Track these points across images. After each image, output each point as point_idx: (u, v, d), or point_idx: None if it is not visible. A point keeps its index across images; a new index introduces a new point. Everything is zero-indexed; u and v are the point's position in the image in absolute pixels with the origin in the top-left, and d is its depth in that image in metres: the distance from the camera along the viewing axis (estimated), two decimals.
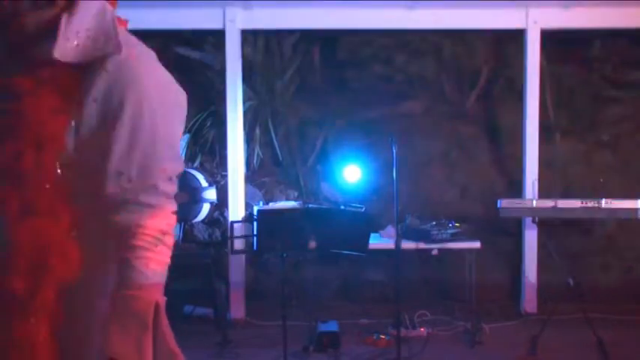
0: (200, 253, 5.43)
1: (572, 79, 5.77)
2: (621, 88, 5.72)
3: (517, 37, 5.39)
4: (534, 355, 4.33)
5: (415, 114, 5.80)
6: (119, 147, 1.22)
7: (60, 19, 1.20)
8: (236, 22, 5.22)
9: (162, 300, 1.24)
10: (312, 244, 3.98)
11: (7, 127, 1.20)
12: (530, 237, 5.35)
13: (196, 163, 5.70)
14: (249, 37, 5.55)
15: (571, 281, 4.45)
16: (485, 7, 5.24)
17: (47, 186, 1.21)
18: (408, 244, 4.56)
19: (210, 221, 5.65)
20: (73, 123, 1.21)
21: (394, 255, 4.28)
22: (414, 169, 5.64)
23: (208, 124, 5.64)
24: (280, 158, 5.80)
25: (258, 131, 5.66)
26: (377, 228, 4.97)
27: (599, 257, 5.63)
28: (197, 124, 5.53)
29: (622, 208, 4.48)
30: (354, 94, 5.79)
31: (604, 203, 4.46)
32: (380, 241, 4.81)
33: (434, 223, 4.77)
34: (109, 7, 1.27)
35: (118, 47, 1.23)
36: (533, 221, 4.88)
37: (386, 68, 5.83)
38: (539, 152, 5.35)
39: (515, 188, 5.51)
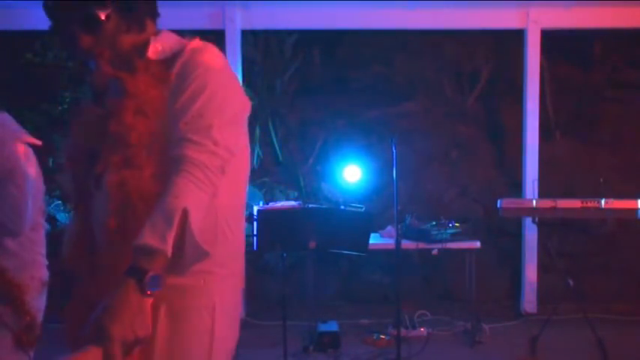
0: None
1: (572, 79, 5.77)
2: (621, 88, 5.72)
3: (517, 37, 5.39)
4: (534, 355, 4.33)
5: (415, 114, 5.80)
6: (182, 100, 1.55)
7: (149, 40, 1.68)
8: (236, 22, 5.22)
9: (194, 209, 1.47)
10: (312, 244, 3.98)
11: (118, 104, 1.59)
12: (530, 237, 5.35)
13: None
14: (249, 37, 5.55)
15: (571, 281, 4.45)
16: (485, 7, 5.24)
17: (139, 143, 1.55)
18: (408, 244, 4.56)
19: None
20: (167, 94, 1.58)
21: (394, 255, 4.28)
22: (414, 169, 5.65)
23: None
24: (280, 158, 5.80)
25: (258, 131, 5.66)
26: (377, 228, 4.96)
27: (599, 257, 5.63)
28: None
29: (622, 208, 4.47)
30: (354, 94, 5.79)
31: (604, 203, 4.46)
32: (380, 241, 4.81)
33: (434, 223, 4.77)
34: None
35: (191, 41, 1.65)
36: (533, 221, 4.88)
37: (386, 68, 5.84)
38: (539, 152, 5.35)
39: (515, 188, 5.51)
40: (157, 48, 1.66)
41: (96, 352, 1.38)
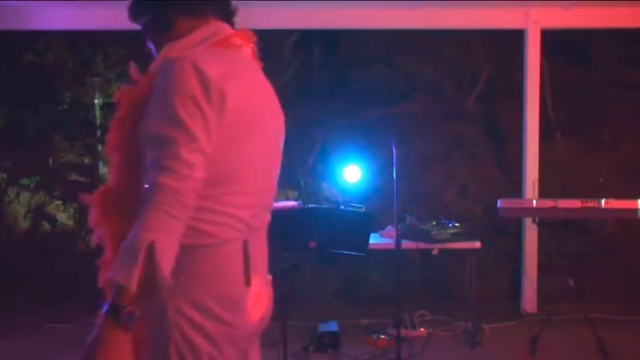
0: None
1: (572, 79, 5.77)
2: (621, 88, 5.72)
3: (517, 37, 5.39)
4: (534, 355, 4.33)
5: (415, 114, 5.80)
6: (150, 122, 1.54)
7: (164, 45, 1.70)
8: (236, 22, 5.21)
9: (165, 239, 1.45)
10: (312, 244, 3.98)
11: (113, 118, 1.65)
12: (530, 237, 5.35)
13: None
14: None
15: (571, 281, 4.45)
16: (486, 7, 5.24)
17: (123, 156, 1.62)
18: (408, 244, 4.56)
19: None
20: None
21: (394, 255, 4.28)
22: (414, 169, 5.64)
23: None
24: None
25: None
26: (377, 228, 4.96)
27: (599, 257, 5.63)
28: None
29: (622, 208, 4.47)
30: (354, 95, 5.79)
31: (604, 203, 4.46)
32: (380, 241, 4.81)
33: (434, 223, 4.77)
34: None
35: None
36: (534, 221, 4.88)
37: (386, 68, 5.83)
38: (539, 152, 5.35)
39: (515, 188, 5.51)
40: (158, 58, 1.66)
41: None
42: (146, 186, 1.49)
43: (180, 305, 1.58)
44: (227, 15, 1.86)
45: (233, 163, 1.62)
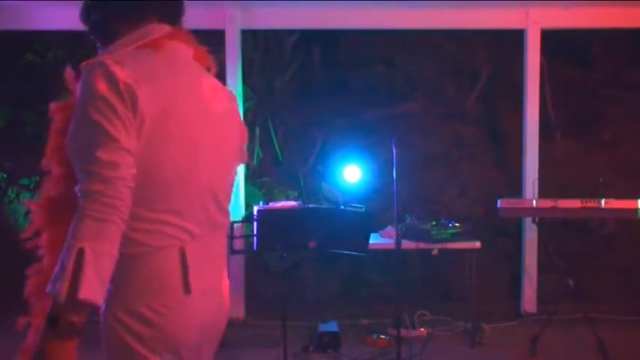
0: None
1: (572, 79, 5.77)
2: (621, 88, 5.73)
3: (517, 37, 5.40)
4: (534, 355, 4.33)
5: (415, 114, 5.81)
6: (71, 131, 1.58)
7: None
8: (236, 22, 5.22)
9: (88, 248, 1.43)
10: (312, 244, 3.98)
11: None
12: (530, 237, 5.35)
13: None
14: (249, 37, 5.55)
15: (571, 281, 4.45)
16: (486, 7, 5.24)
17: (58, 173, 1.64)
18: (408, 244, 4.56)
19: None
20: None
21: (394, 255, 4.28)
22: (414, 169, 5.65)
23: None
24: (280, 158, 5.80)
25: (258, 131, 5.66)
26: (377, 228, 4.96)
27: (599, 257, 5.63)
28: None
29: (622, 208, 4.47)
30: (354, 94, 5.79)
31: (604, 203, 4.46)
32: (380, 241, 4.81)
33: (434, 223, 4.77)
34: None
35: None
36: (533, 221, 4.88)
37: (386, 68, 5.84)
38: (539, 152, 5.35)
39: (515, 188, 5.51)
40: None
41: None
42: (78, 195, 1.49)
43: (117, 312, 1.57)
44: (172, 16, 1.75)
45: (157, 169, 1.57)
